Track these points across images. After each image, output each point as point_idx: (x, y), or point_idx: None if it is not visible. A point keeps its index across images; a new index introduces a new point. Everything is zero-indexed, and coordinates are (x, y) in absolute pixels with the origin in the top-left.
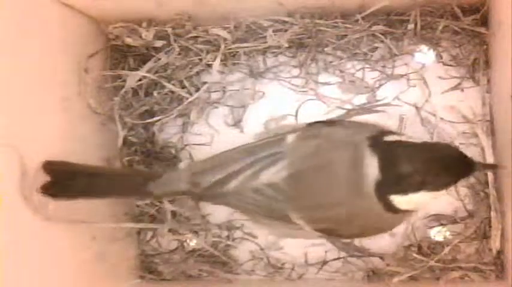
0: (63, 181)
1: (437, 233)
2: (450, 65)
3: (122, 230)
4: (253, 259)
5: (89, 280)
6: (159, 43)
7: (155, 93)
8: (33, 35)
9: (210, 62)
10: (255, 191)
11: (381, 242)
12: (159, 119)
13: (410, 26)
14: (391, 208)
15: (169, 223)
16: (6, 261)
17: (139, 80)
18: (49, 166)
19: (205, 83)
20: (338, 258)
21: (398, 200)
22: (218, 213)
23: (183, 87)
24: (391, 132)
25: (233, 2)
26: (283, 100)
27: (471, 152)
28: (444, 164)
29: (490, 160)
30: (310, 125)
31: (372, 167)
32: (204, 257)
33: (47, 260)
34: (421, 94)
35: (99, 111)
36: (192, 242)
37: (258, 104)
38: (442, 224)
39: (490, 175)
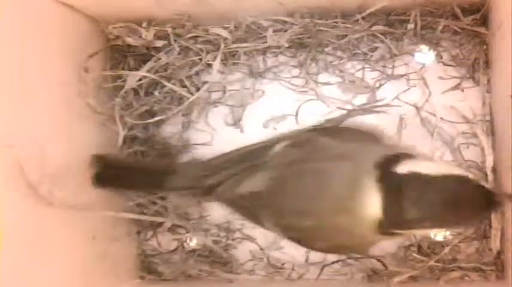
0: (109, 172)
1: (437, 233)
2: (450, 65)
3: (122, 230)
4: (253, 259)
5: (89, 280)
6: (159, 43)
7: (155, 93)
8: (33, 35)
9: (210, 62)
10: (236, 199)
11: (381, 243)
12: (160, 119)
13: (410, 26)
14: (387, 233)
15: (172, 218)
16: (6, 261)
17: (140, 80)
18: (95, 159)
19: (205, 82)
20: (338, 261)
21: (400, 232)
22: (218, 213)
23: (183, 87)
24: (401, 155)
25: (233, 1)
26: (283, 100)
27: (471, 152)
28: (458, 207)
29: (489, 159)
30: (305, 132)
31: (373, 205)
32: (204, 257)
33: (47, 260)
34: (421, 94)
35: (99, 111)
36: (192, 242)
37: (258, 104)
38: None
39: (490, 175)
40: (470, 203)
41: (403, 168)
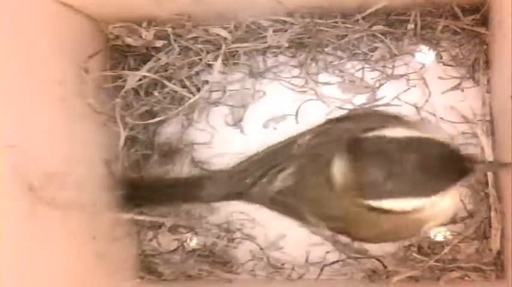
0: (140, 193)
1: (437, 233)
2: (450, 65)
3: (122, 230)
4: (253, 259)
5: (89, 280)
6: (159, 43)
7: (156, 93)
8: (33, 34)
9: (210, 62)
10: (274, 196)
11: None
12: (160, 120)
13: (410, 26)
14: (381, 210)
15: (172, 218)
16: (5, 261)
17: (140, 80)
18: (125, 181)
19: (206, 82)
20: (338, 261)
21: (381, 204)
22: (218, 213)
23: (184, 87)
24: (397, 124)
25: (233, 1)
26: (283, 100)
27: (471, 152)
28: (427, 169)
29: (489, 159)
30: (325, 122)
31: (339, 171)
32: (204, 257)
33: (47, 260)
34: (421, 94)
35: (100, 111)
36: (192, 242)
37: (258, 104)
38: (442, 224)
39: (490, 175)
40: (436, 166)
41: (371, 133)
